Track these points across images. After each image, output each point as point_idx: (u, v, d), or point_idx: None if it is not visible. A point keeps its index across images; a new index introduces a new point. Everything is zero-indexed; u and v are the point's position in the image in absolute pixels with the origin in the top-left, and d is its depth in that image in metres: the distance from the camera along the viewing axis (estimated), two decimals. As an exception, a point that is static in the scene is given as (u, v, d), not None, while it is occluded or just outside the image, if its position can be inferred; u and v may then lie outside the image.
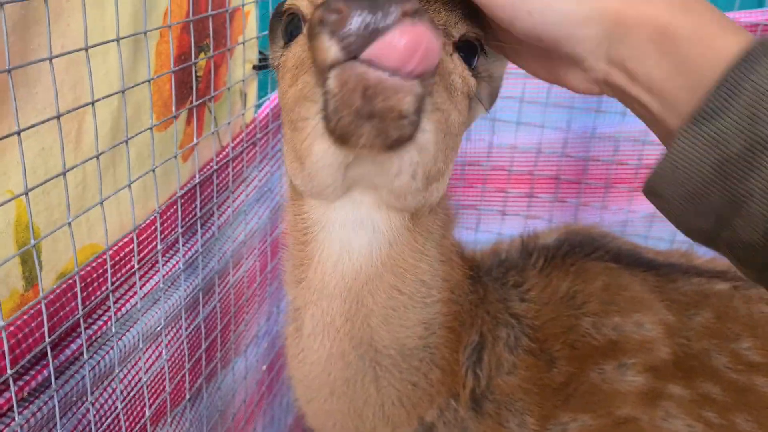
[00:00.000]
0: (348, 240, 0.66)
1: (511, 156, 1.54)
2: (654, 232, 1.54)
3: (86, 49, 0.68)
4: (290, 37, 0.64)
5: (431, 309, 0.73)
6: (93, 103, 0.70)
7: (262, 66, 1.13)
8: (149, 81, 0.81)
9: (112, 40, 0.73)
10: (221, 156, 1.04)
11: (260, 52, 1.14)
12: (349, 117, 0.47)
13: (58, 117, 0.65)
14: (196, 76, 0.96)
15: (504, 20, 0.54)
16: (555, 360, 0.85)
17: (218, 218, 1.05)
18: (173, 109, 0.87)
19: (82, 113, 0.74)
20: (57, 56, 0.65)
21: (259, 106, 1.18)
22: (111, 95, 0.75)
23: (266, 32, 1.12)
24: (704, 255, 1.06)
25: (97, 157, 0.73)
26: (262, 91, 1.21)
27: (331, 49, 0.46)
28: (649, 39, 0.50)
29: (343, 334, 0.71)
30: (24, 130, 0.60)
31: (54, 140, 0.72)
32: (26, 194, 0.62)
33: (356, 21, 0.44)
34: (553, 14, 0.51)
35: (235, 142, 1.08)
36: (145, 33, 0.79)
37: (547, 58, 0.59)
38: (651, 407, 0.85)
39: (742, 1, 1.48)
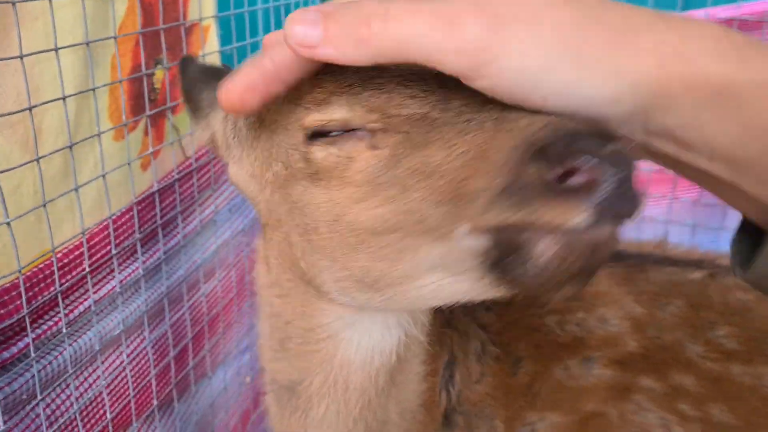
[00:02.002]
0: (379, 338, 0.67)
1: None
2: (699, 219, 1.50)
3: (56, 50, 0.74)
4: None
5: (422, 372, 0.76)
6: (30, 107, 0.74)
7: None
8: (93, 90, 0.84)
9: (77, 44, 0.76)
10: (184, 166, 1.07)
11: (223, 65, 1.17)
12: (559, 276, 0.42)
13: (30, 109, 0.68)
14: (153, 88, 0.99)
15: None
16: (520, 361, 0.84)
17: (183, 228, 1.08)
18: (123, 117, 0.90)
19: (37, 121, 0.78)
20: (27, 55, 0.71)
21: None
22: (54, 100, 0.78)
23: (229, 47, 1.16)
24: (680, 245, 1.04)
25: (37, 160, 0.76)
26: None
27: (580, 215, 0.39)
28: (703, 105, 0.40)
29: (359, 419, 0.72)
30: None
31: (10, 148, 0.76)
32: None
33: (611, 182, 0.39)
34: (574, 99, 0.41)
35: (200, 153, 1.11)
36: (87, 44, 0.83)
37: None
38: (621, 401, 0.84)
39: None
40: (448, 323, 0.83)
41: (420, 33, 0.40)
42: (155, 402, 1.04)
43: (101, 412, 0.93)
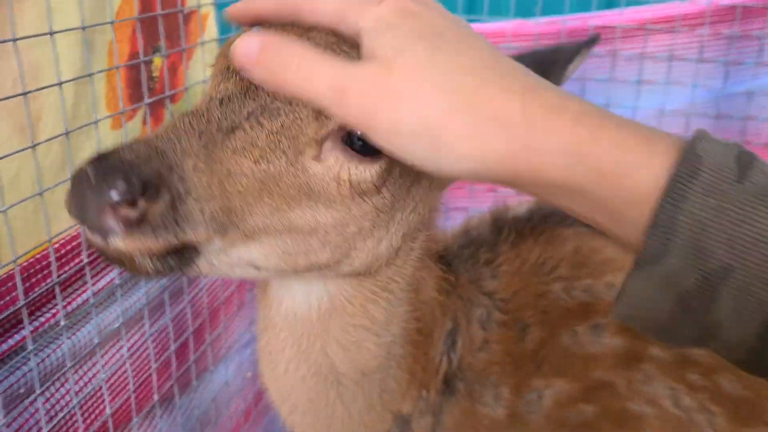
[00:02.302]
0: (293, 294, 0.71)
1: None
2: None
3: (51, 34, 0.73)
4: None
5: (387, 338, 0.74)
6: (24, 93, 0.72)
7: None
8: (90, 75, 0.82)
9: (73, 28, 0.74)
10: (183, 156, 1.05)
11: (223, 56, 1.15)
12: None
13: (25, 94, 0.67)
14: (151, 76, 0.97)
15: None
16: (527, 327, 0.84)
17: (183, 219, 1.06)
18: (120, 105, 0.89)
19: (37, 107, 0.77)
20: (21, 38, 0.70)
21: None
22: (50, 86, 0.76)
23: (227, 35, 1.14)
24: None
25: (33, 147, 0.75)
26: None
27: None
28: (555, 194, 0.47)
29: (298, 361, 0.73)
30: None
31: (9, 134, 0.74)
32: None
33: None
34: (436, 168, 0.49)
35: (199, 143, 1.09)
36: (83, 29, 0.81)
37: None
38: (629, 370, 0.82)
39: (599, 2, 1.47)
40: (453, 291, 0.82)
41: (316, 94, 0.49)
42: (156, 397, 1.03)
43: (101, 406, 0.91)
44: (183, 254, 0.53)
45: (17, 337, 0.77)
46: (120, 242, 0.49)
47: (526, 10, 1.42)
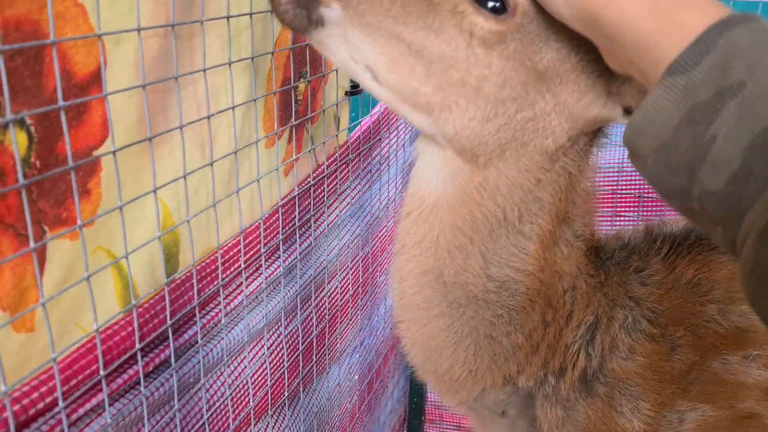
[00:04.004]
0: (420, 178, 0.77)
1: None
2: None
3: (229, 64, 0.83)
4: None
5: (497, 267, 0.77)
6: (208, 116, 0.81)
7: (354, 92, 1.24)
8: (255, 100, 0.92)
9: (246, 58, 0.84)
10: (317, 173, 1.14)
11: (351, 81, 1.24)
12: None
13: (209, 118, 0.76)
14: (296, 100, 1.07)
15: None
16: (677, 347, 0.84)
17: (315, 230, 1.15)
18: (275, 126, 0.98)
19: (213, 131, 0.87)
20: (210, 68, 0.80)
21: (351, 129, 1.28)
22: (225, 110, 0.86)
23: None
24: None
25: (211, 165, 0.84)
26: (354, 115, 1.31)
27: None
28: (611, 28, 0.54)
29: (415, 254, 0.79)
30: (185, 125, 0.73)
31: (191, 153, 0.84)
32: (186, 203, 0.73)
33: None
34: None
35: (330, 160, 1.18)
36: (252, 58, 0.90)
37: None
38: None
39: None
40: (600, 288, 0.83)
41: None
42: (286, 393, 1.11)
43: (246, 399, 1.00)
44: (311, 13, 0.64)
45: (190, 332, 0.86)
46: None
47: None
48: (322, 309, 1.22)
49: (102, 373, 0.67)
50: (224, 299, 0.92)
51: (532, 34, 0.65)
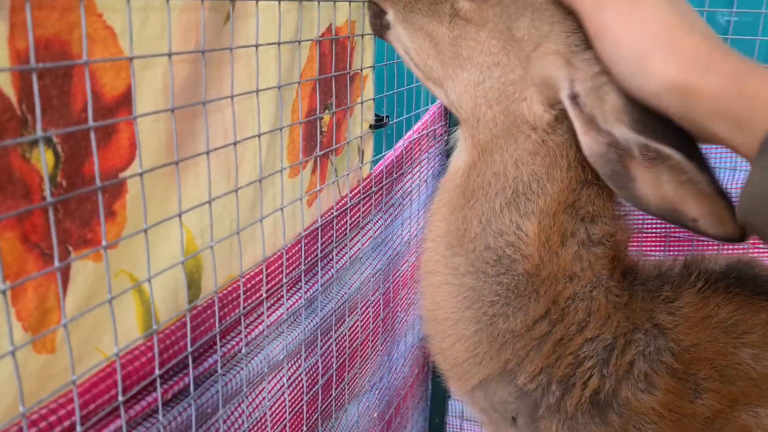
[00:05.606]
0: (454, 155, 0.88)
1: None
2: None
3: (257, 92, 0.84)
4: None
5: (492, 236, 0.81)
6: (234, 142, 0.81)
7: (378, 125, 1.24)
8: (281, 129, 0.92)
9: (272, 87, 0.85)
10: (340, 204, 1.14)
11: (376, 114, 1.24)
12: None
13: (235, 143, 0.76)
14: (321, 131, 1.07)
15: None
16: (701, 390, 0.78)
17: (336, 262, 1.14)
18: (300, 156, 0.98)
19: (239, 158, 0.87)
20: (237, 95, 0.80)
21: (374, 162, 1.28)
22: (251, 138, 0.86)
23: (382, 95, 1.24)
24: None
25: (236, 191, 0.84)
26: (377, 149, 1.31)
27: None
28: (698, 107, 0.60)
29: (434, 220, 0.88)
30: (211, 151, 0.73)
31: (217, 179, 0.84)
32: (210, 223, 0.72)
33: None
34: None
35: (353, 193, 1.18)
36: (279, 87, 0.91)
37: None
38: None
39: None
40: (622, 309, 0.81)
41: None
42: (305, 427, 1.09)
43: (263, 429, 0.98)
44: (381, 21, 0.86)
45: (210, 360, 0.85)
46: None
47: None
48: (342, 343, 1.21)
49: (120, 398, 0.66)
50: (245, 328, 0.91)
51: (509, 8, 0.78)
